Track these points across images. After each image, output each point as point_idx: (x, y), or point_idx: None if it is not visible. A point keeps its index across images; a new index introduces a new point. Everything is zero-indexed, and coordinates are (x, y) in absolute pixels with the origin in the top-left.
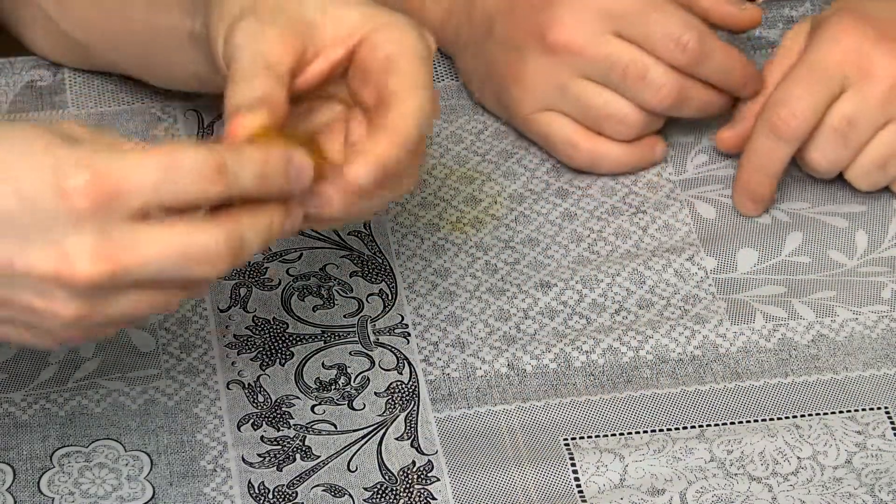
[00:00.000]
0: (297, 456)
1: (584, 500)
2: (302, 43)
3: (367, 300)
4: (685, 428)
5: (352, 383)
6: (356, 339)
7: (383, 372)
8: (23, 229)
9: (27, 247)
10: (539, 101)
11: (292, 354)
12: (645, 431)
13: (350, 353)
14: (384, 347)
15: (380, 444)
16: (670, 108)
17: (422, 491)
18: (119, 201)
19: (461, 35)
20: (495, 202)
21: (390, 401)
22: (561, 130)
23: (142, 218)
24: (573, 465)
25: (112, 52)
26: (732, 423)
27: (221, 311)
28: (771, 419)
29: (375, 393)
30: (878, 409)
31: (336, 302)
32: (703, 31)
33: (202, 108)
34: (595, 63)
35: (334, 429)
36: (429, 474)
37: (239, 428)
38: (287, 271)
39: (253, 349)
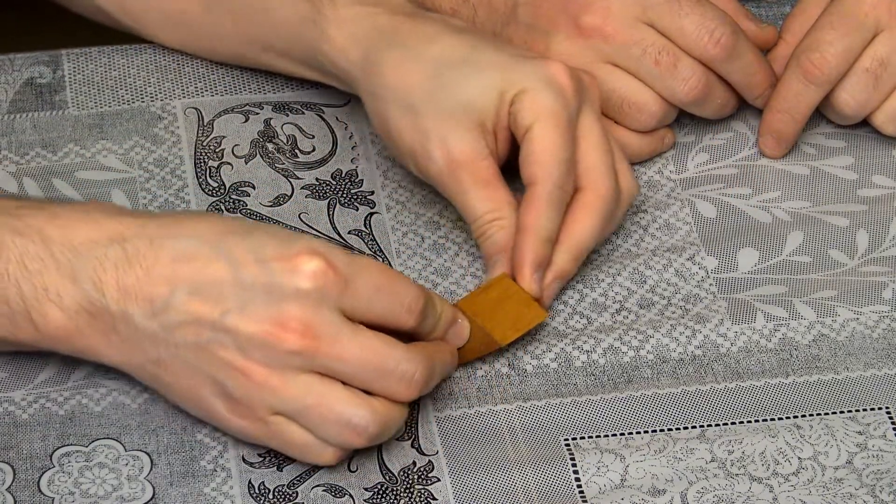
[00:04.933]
0: None
1: (585, 501)
2: (488, 139)
3: None
4: (686, 428)
5: None
6: None
7: None
8: (244, 291)
9: (242, 307)
10: None
11: None
12: (646, 431)
13: None
14: None
15: (380, 443)
16: (694, 102)
17: (422, 491)
18: (343, 295)
19: (477, 21)
20: None
21: None
22: None
23: (348, 318)
24: (574, 465)
25: (168, 40)
26: (733, 424)
27: None
28: (772, 419)
29: None
30: (879, 409)
31: None
32: (736, 29)
33: (202, 106)
34: (627, 48)
35: None
36: (429, 474)
37: None
38: None
39: None
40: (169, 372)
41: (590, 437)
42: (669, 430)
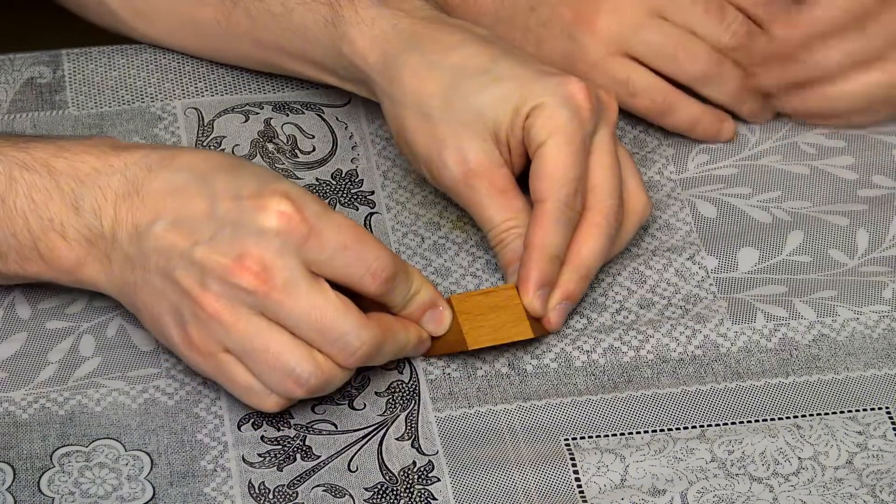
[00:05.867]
0: (298, 456)
1: (585, 501)
2: (502, 150)
3: None
4: (686, 428)
5: (352, 383)
6: None
7: (384, 371)
8: (215, 225)
9: (210, 240)
10: (614, 43)
11: None
12: (646, 431)
13: None
14: None
15: (380, 444)
16: (735, 49)
17: (422, 491)
18: (306, 244)
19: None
20: None
21: (391, 400)
22: (641, 74)
23: (310, 271)
24: (574, 465)
25: (182, 45)
26: (733, 423)
27: None
28: (772, 419)
29: (376, 392)
30: (879, 409)
31: None
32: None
33: (202, 106)
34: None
35: (335, 428)
36: (429, 474)
37: (239, 427)
38: None
39: None
40: (140, 297)
41: (590, 437)
42: (669, 430)
